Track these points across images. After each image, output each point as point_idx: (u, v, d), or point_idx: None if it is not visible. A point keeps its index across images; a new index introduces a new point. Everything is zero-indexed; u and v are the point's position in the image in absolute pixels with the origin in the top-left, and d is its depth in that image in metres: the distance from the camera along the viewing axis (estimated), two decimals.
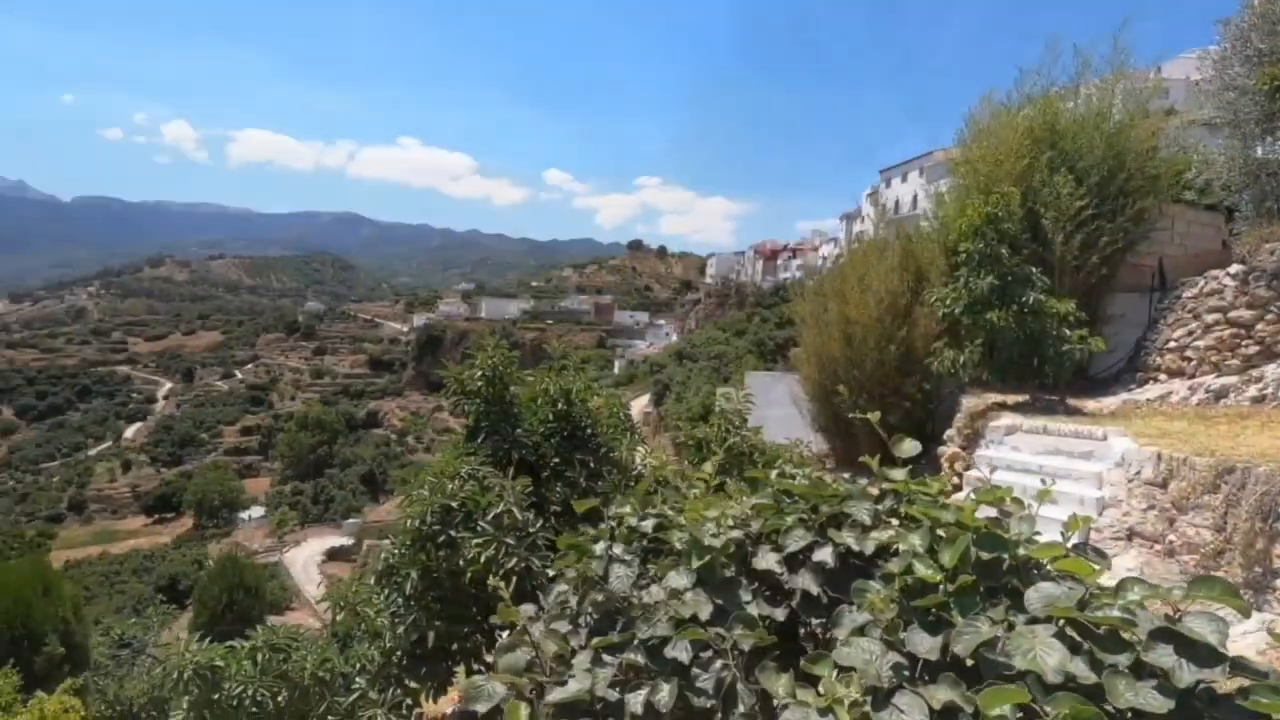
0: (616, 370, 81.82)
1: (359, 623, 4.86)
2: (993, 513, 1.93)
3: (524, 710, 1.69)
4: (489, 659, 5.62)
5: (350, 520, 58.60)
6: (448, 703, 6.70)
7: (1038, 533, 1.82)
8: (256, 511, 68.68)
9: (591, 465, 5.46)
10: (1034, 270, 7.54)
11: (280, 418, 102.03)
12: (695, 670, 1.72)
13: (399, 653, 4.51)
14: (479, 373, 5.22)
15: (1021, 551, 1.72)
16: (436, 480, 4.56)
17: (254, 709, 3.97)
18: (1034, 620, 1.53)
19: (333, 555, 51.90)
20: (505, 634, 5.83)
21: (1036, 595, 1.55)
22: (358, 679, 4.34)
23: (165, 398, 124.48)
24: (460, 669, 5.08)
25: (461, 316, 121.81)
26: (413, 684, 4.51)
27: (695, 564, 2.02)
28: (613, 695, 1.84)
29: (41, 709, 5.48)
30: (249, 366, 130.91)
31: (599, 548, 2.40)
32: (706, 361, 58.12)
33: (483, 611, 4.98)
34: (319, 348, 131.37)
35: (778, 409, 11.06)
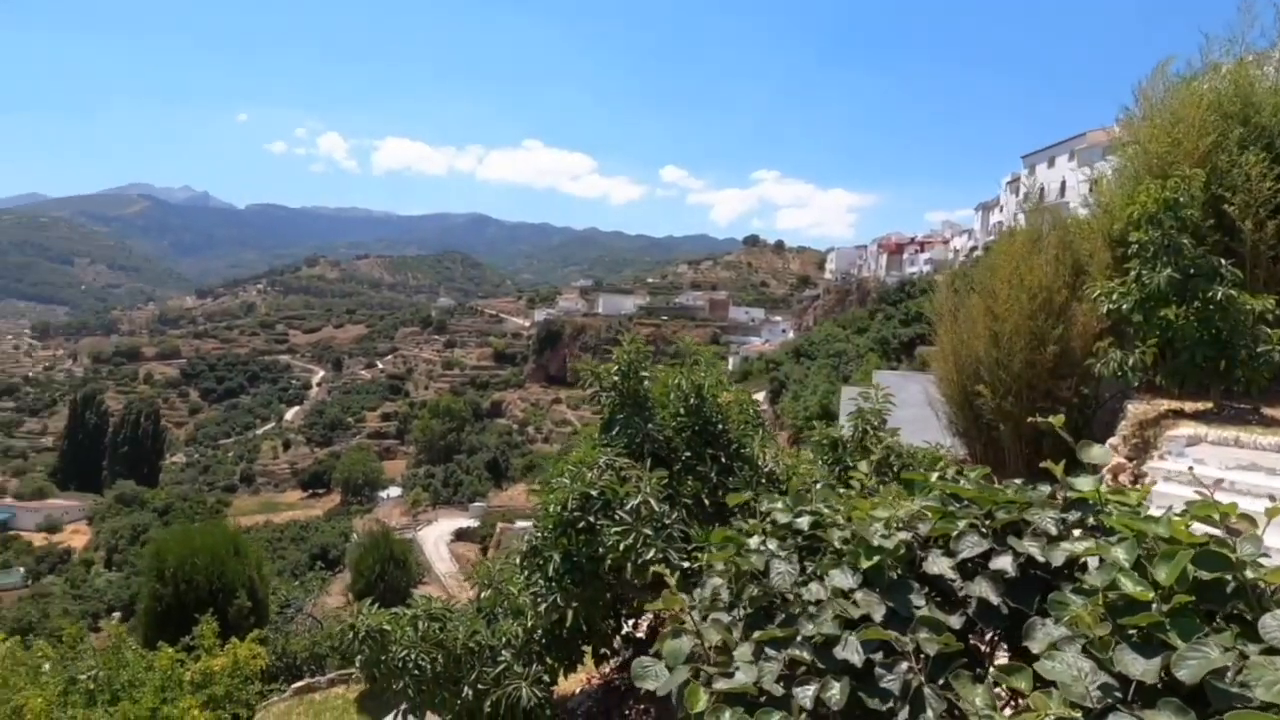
0: (730, 366, 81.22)
1: (501, 600, 5.16)
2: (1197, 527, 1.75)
3: (704, 695, 1.74)
4: (615, 643, 5.81)
5: (476, 504, 62.07)
6: (575, 681, 6.97)
7: (1265, 554, 1.63)
8: (394, 491, 74.33)
9: (723, 461, 5.48)
10: (1222, 262, 6.69)
11: (415, 405, 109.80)
12: (879, 671, 1.69)
13: (538, 631, 4.76)
14: (615, 367, 5.38)
15: (1249, 574, 1.55)
16: (576, 469, 4.75)
17: (415, 671, 4.33)
18: (1271, 650, 1.38)
19: (460, 536, 55.25)
20: (636, 622, 5.94)
21: (1276, 623, 1.40)
22: (503, 652, 4.61)
23: (318, 384, 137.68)
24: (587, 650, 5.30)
25: (579, 312, 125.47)
26: (551, 660, 4.74)
27: (864, 564, 1.98)
28: (778, 690, 1.85)
29: (235, 652, 6.27)
30: (388, 358, 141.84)
31: (753, 542, 2.41)
32: (825, 359, 56.36)
33: (615, 598, 5.15)
34: (449, 341, 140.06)
35: (909, 410, 10.53)
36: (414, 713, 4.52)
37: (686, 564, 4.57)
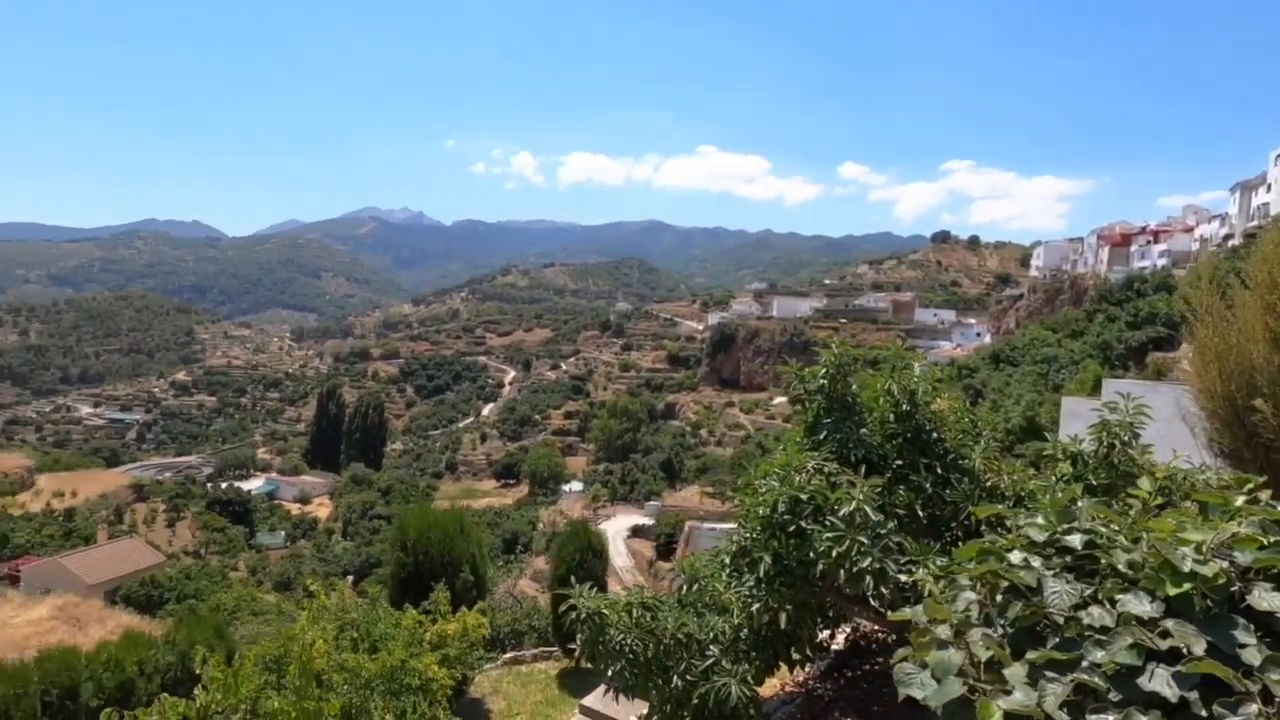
0: (917, 373, 75.72)
1: (706, 595, 5.29)
2: None
3: (996, 710, 1.68)
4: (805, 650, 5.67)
5: (651, 502, 63.83)
6: (768, 687, 6.92)
7: None
8: (576, 486, 78.74)
9: (938, 471, 5.17)
10: None
11: (595, 405, 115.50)
12: (1218, 710, 1.52)
13: (745, 630, 4.81)
14: (822, 370, 5.29)
15: None
16: (784, 472, 4.75)
17: (630, 655, 4.59)
18: None
19: (636, 532, 57.10)
20: (832, 632, 5.74)
21: None
22: (711, 647, 4.73)
23: (510, 383, 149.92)
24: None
25: (753, 315, 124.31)
26: (757, 660, 4.77)
27: (1169, 591, 1.78)
28: (1063, 717, 1.72)
29: (465, 620, 7.06)
30: (571, 359, 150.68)
31: (1016, 557, 2.26)
32: (1030, 366, 50.67)
33: (822, 603, 5.05)
34: (626, 344, 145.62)
35: (1155, 425, 9.15)
36: (626, 695, 4.79)
37: (904, 576, 4.38)
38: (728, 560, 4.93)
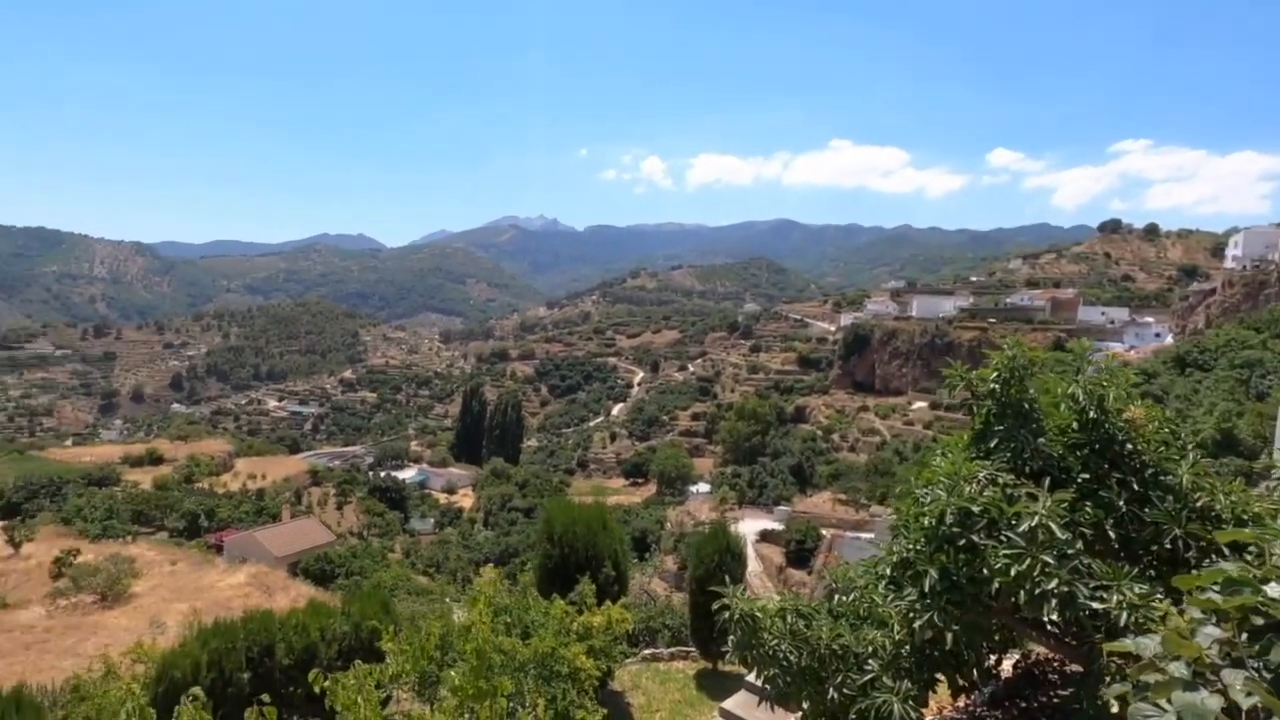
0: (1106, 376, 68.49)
1: (862, 606, 5.06)
2: None
3: None
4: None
5: (780, 507, 62.43)
6: (930, 706, 6.50)
7: None
8: (703, 487, 78.66)
9: (1134, 487, 4.61)
10: None
11: (722, 407, 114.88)
12: None
13: (906, 646, 4.55)
14: (994, 373, 4.89)
15: None
16: (952, 481, 4.43)
17: (784, 662, 4.49)
18: None
19: (764, 536, 56.07)
20: (999, 657, 5.29)
21: None
22: (870, 661, 4.51)
23: (639, 384, 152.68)
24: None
25: (890, 315, 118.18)
26: (920, 679, 4.49)
27: None
28: None
29: (609, 614, 7.24)
30: (698, 361, 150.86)
31: (1273, 590, 1.95)
32: (1226, 371, 44.25)
33: (993, 624, 4.67)
34: (754, 345, 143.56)
35: None
36: (780, 703, 4.69)
37: (1096, 604, 3.95)
38: (888, 572, 4.68)
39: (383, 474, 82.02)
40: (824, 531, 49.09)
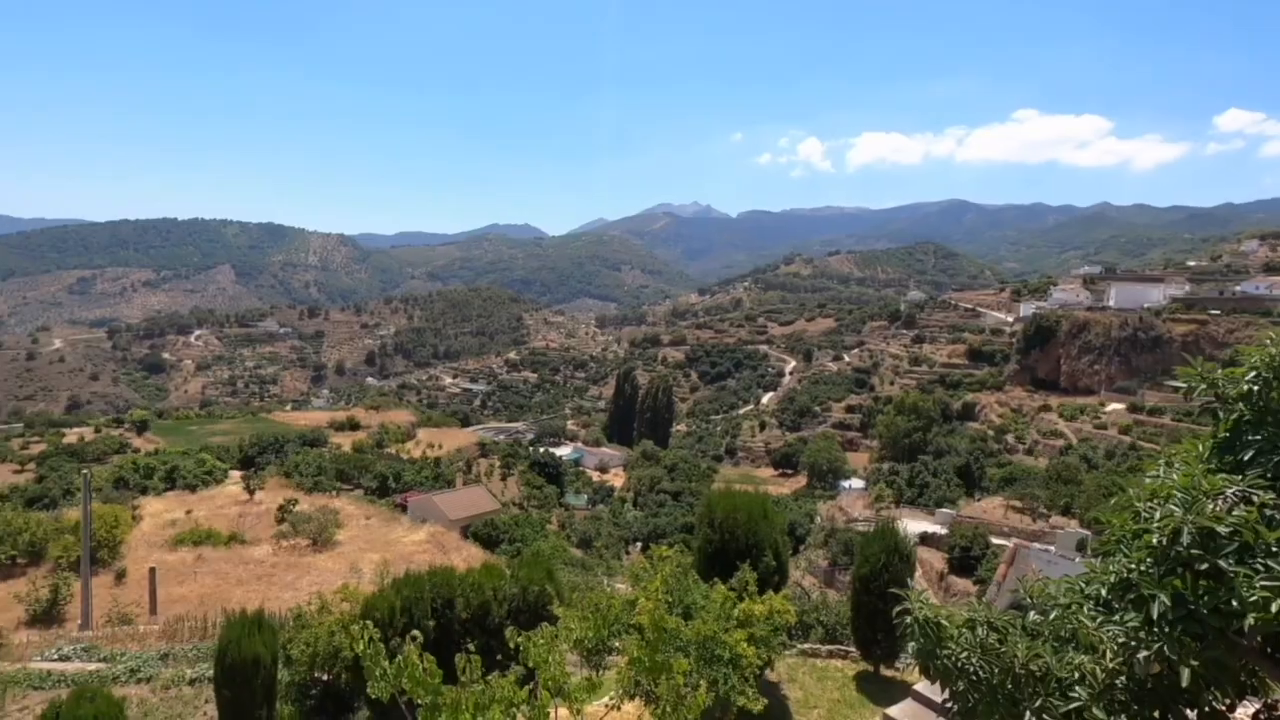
0: None
1: (1061, 628, 4.57)
2: None
3: None
4: None
5: (943, 509, 58.25)
6: None
7: None
8: (856, 483, 75.33)
9: None
10: None
11: (879, 400, 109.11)
12: None
13: (1123, 677, 4.04)
14: (1250, 372, 4.17)
15: None
16: (1190, 496, 3.85)
17: (973, 677, 4.17)
18: None
19: (925, 540, 52.65)
20: (1231, 703, 4.57)
21: None
22: (1077, 688, 4.07)
23: (790, 373, 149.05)
24: None
25: (1081, 305, 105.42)
26: (1140, 717, 3.98)
27: None
28: None
29: (771, 603, 7.16)
30: (855, 351, 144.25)
31: None
32: None
33: (1238, 665, 4.02)
34: (918, 336, 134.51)
35: None
36: (965, 719, 4.37)
37: None
38: (1101, 592, 4.18)
39: (542, 450, 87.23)
40: (995, 540, 45.23)
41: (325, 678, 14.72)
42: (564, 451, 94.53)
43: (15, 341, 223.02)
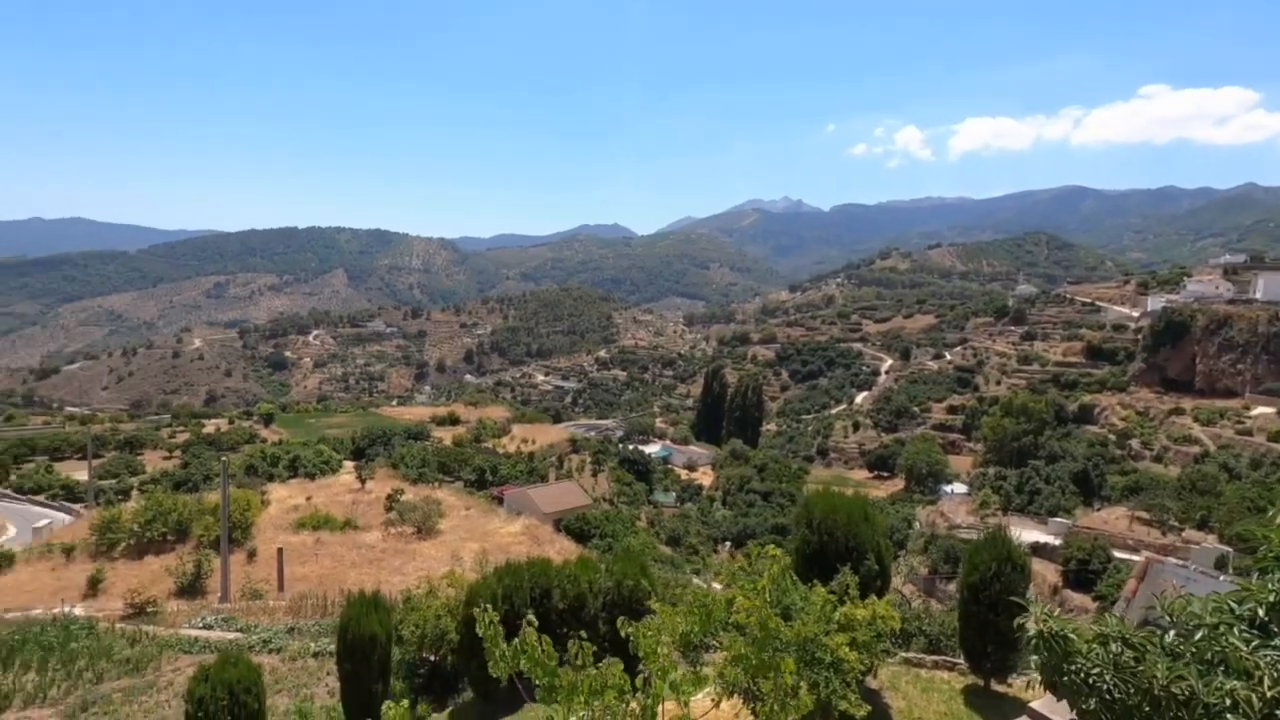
0: None
1: (1207, 650, 4.19)
2: None
3: None
4: None
5: (1056, 519, 54.41)
6: None
7: None
8: (958, 487, 71.57)
9: None
10: None
11: (984, 401, 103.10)
12: None
13: None
14: None
15: None
16: None
17: (1107, 696, 3.90)
18: None
19: (1035, 550, 49.38)
20: None
21: None
22: (1227, 715, 3.73)
23: (886, 372, 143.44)
24: None
25: (1221, 298, 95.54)
26: None
27: None
28: None
29: (874, 608, 6.96)
30: (957, 349, 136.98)
31: None
32: None
33: None
34: (1028, 333, 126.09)
35: None
36: None
37: None
38: (1259, 613, 3.81)
39: (630, 447, 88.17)
40: (1118, 553, 41.86)
41: (432, 658, 15.57)
42: (652, 449, 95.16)
43: (164, 341, 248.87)
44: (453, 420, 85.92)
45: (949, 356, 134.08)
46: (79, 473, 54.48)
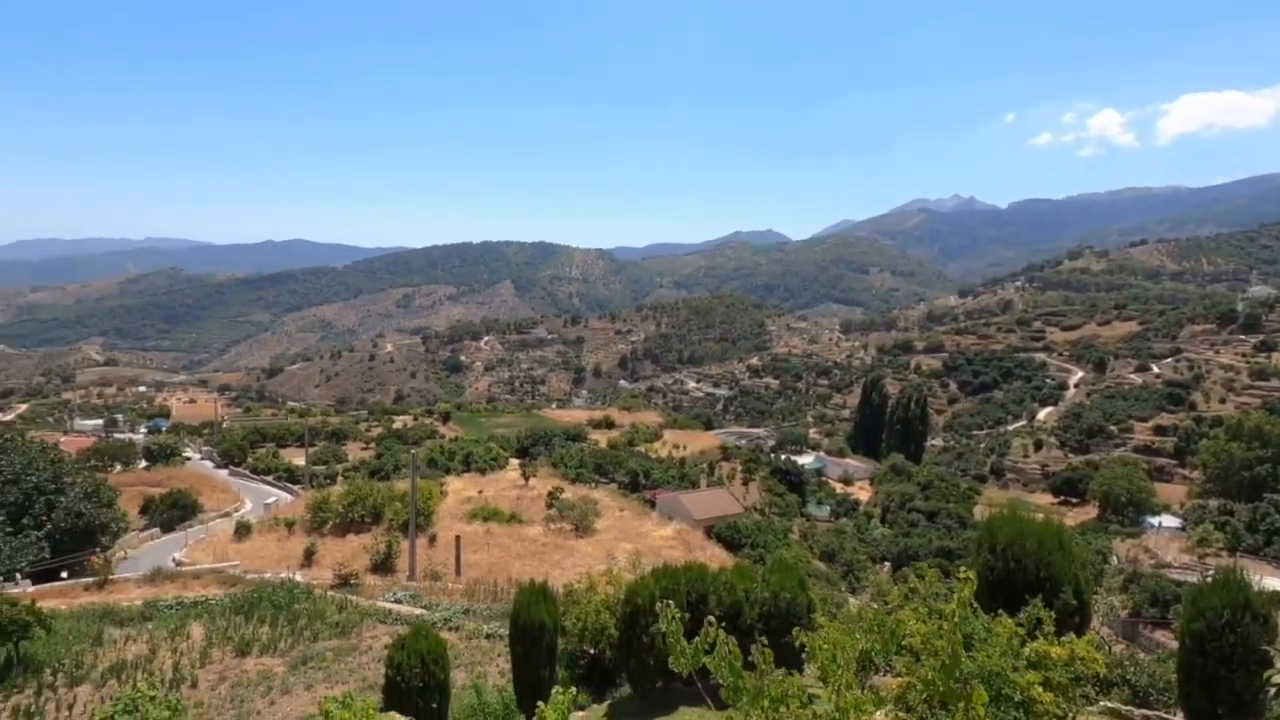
0: None
1: None
2: None
3: None
4: None
5: None
6: None
7: None
8: (1169, 520, 62.15)
9: None
10: None
11: (1203, 421, 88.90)
12: None
13: None
14: None
15: None
16: None
17: None
18: None
19: (1276, 599, 41.58)
20: None
21: None
22: None
23: (1076, 385, 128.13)
24: None
25: None
26: None
27: None
28: None
29: (1074, 647, 6.26)
30: (1168, 360, 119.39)
31: None
32: None
33: None
34: (1264, 342, 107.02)
35: None
36: None
37: None
38: None
39: (783, 457, 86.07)
40: None
41: (591, 651, 16.25)
42: (805, 460, 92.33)
43: (362, 346, 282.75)
44: (608, 424, 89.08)
45: (1156, 369, 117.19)
46: (298, 458, 63.19)
